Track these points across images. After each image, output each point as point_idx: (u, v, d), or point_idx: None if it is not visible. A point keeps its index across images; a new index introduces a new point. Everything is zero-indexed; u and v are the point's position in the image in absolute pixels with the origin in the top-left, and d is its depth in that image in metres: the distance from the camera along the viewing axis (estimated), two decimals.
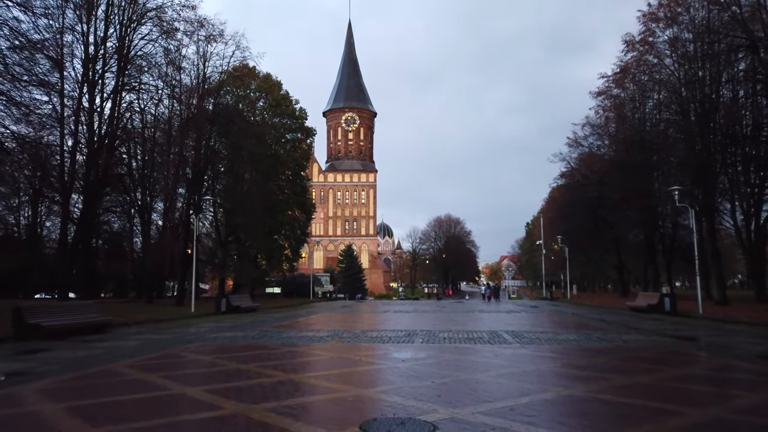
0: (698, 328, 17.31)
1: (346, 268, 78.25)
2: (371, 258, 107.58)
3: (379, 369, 8.62)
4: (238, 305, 26.97)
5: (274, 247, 45.62)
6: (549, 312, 28.24)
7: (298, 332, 15.38)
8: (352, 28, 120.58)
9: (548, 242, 63.21)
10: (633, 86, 37.86)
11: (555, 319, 21.98)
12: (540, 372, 8.21)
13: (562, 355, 10.34)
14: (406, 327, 17.14)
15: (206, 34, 34.65)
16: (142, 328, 17.34)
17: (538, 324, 19.29)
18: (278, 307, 35.14)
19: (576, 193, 53.05)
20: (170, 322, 20.46)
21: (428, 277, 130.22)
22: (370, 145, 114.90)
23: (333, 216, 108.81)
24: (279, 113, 46.63)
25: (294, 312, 29.07)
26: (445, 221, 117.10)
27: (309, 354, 10.52)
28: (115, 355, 10.30)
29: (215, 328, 17.01)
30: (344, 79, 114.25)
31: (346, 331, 15.52)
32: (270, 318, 22.81)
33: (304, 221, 50.50)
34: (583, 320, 21.12)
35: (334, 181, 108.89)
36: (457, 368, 8.45)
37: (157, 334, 15.15)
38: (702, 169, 30.72)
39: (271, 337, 13.82)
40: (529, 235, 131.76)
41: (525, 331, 15.32)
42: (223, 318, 23.13)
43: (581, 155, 48.32)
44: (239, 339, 13.51)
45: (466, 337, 13.73)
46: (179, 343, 12.68)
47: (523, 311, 28.96)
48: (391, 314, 25.97)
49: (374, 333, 14.89)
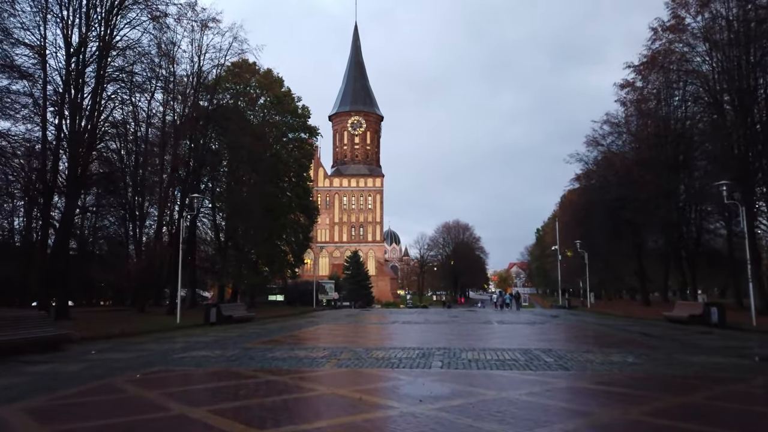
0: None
1: (352, 275, 75.54)
2: (378, 265, 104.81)
3: (386, 418, 5.91)
4: (230, 315, 24.31)
5: (275, 253, 43.00)
6: (575, 323, 25.37)
7: (288, 350, 12.69)
8: (358, 31, 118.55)
9: (563, 248, 60.19)
10: (661, 77, 34.99)
11: (588, 333, 19.14)
12: (631, 427, 5.49)
13: (636, 390, 7.59)
14: (418, 343, 14.42)
15: (200, 20, 32.32)
16: (108, 344, 14.72)
17: (572, 338, 16.51)
18: (277, 317, 32.46)
19: (594, 195, 50.16)
20: (146, 336, 17.85)
21: (436, 284, 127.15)
22: (376, 150, 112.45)
23: (339, 222, 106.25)
24: (280, 111, 44.16)
25: (293, 322, 26.37)
26: (454, 227, 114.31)
27: (291, 388, 7.82)
28: (33, 389, 7.66)
29: (192, 345, 14.36)
30: (350, 83, 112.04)
31: (347, 349, 12.80)
32: (263, 330, 20.14)
33: (307, 225, 47.84)
34: (621, 334, 18.29)
35: (340, 185, 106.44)
36: (503, 418, 5.72)
37: (119, 353, 12.53)
38: (741, 165, 27.88)
39: (253, 358, 11.14)
40: (540, 242, 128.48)
41: (563, 350, 12.55)
42: (209, 330, 20.48)
43: (602, 153, 45.36)
44: (212, 361, 10.83)
45: (495, 358, 10.98)
46: (135, 366, 10.04)
47: (545, 322, 26.12)
48: (400, 326, 23.22)
49: (381, 352, 12.18)
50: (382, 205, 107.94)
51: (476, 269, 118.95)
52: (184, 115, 36.33)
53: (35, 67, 24.22)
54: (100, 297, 51.15)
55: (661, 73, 34.74)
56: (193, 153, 37.20)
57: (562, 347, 13.35)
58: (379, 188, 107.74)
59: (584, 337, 16.99)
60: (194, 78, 36.12)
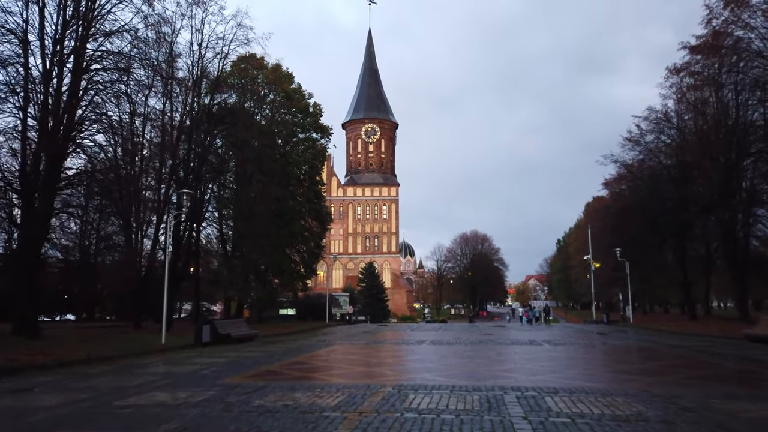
0: None
1: (367, 287, 71.33)
2: (394, 277, 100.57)
3: None
4: (228, 333, 20.49)
5: (284, 263, 39.20)
6: (642, 345, 21.10)
7: (285, 392, 8.75)
8: (372, 38, 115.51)
9: (594, 256, 55.55)
10: (730, 56, 30.39)
11: (678, 361, 14.95)
12: None
13: None
14: (467, 376, 10.44)
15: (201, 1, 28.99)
16: (47, 378, 10.94)
17: (668, 369, 12.40)
18: (285, 334, 28.59)
19: (633, 198, 45.77)
20: (114, 362, 14.08)
21: (453, 297, 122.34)
22: (391, 158, 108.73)
23: (353, 232, 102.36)
24: (290, 108, 40.64)
25: (301, 342, 22.44)
26: (472, 238, 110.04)
27: None
28: None
29: (156, 381, 10.50)
30: (364, 90, 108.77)
31: (370, 390, 8.82)
32: (263, 354, 16.24)
33: (319, 232, 43.96)
34: (723, 363, 14.11)
35: (354, 195, 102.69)
36: None
37: (47, 394, 8.75)
38: None
39: (228, 411, 7.22)
40: (561, 252, 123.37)
41: (697, 396, 8.49)
42: (198, 353, 16.65)
43: (645, 151, 41.00)
44: (162, 415, 6.95)
45: (604, 409, 6.95)
46: (34, 428, 6.21)
47: (604, 342, 21.91)
48: (429, 347, 19.17)
49: (420, 396, 8.18)
50: (398, 215, 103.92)
51: (495, 281, 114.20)
52: (186, 113, 33.02)
53: (15, 54, 20.83)
54: (105, 310, 47.82)
55: (717, 57, 30.54)
56: (194, 153, 33.76)
57: (681, 389, 9.28)
58: (394, 197, 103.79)
59: (682, 368, 12.85)
60: (196, 70, 32.74)
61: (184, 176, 33.52)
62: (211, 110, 34.37)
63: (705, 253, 46.84)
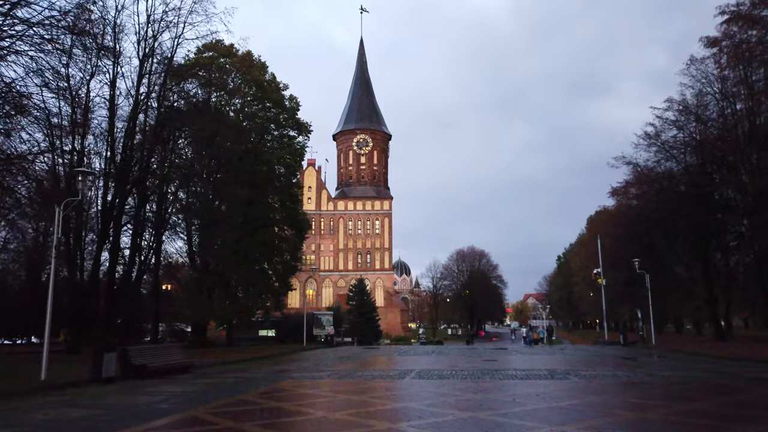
0: None
1: (356, 305, 65.58)
2: (387, 295, 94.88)
3: None
4: (143, 364, 15.15)
5: (252, 276, 33.87)
6: (715, 378, 15.87)
7: None
8: (363, 47, 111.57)
9: (595, 274, 50.34)
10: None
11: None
12: None
13: None
14: None
15: None
16: None
17: None
18: (240, 361, 23.12)
19: (648, 203, 40.84)
20: None
21: (450, 316, 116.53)
22: (384, 170, 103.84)
23: (344, 248, 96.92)
24: (262, 101, 35.74)
25: (247, 375, 17.03)
26: (468, 254, 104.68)
27: None
28: None
29: None
30: (355, 100, 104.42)
31: None
32: (169, 400, 10.95)
33: (296, 242, 38.63)
34: None
35: (345, 209, 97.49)
36: None
37: None
38: None
39: None
40: (562, 269, 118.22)
41: None
42: (84, 396, 11.37)
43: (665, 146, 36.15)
44: None
45: None
46: None
47: (650, 373, 16.66)
48: (412, 384, 13.88)
49: None
50: (391, 230, 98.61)
51: (494, 300, 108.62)
52: (137, 104, 28.16)
53: None
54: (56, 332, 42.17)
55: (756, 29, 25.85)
56: (146, 149, 28.82)
57: None
58: (388, 211, 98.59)
59: None
60: (145, 45, 27.89)
61: (140, 175, 28.61)
62: (164, 97, 29.56)
63: (725, 265, 41.95)
